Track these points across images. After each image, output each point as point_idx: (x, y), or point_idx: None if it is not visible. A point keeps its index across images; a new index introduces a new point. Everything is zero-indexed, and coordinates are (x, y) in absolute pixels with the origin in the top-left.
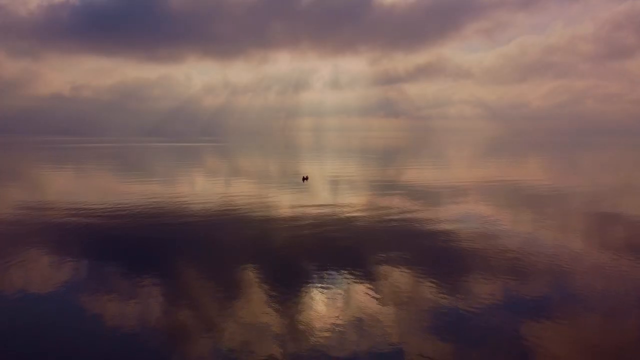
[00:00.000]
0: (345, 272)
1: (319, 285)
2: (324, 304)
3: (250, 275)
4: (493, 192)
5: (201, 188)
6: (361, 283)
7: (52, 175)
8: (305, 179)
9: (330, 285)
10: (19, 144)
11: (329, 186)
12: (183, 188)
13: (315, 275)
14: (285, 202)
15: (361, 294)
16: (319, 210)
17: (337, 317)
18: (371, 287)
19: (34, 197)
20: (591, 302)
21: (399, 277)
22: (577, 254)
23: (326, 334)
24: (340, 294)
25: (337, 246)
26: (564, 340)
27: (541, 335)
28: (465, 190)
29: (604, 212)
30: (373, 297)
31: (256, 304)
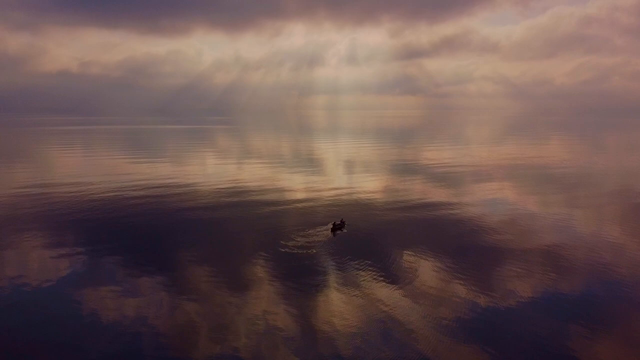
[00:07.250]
0: (366, 266)
1: (336, 281)
2: (342, 303)
3: (261, 270)
4: (522, 176)
5: (209, 180)
6: (383, 280)
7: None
8: (340, 226)
9: (349, 282)
10: (14, 124)
11: (347, 173)
12: (188, 176)
13: (332, 270)
14: (299, 187)
15: (384, 291)
16: (335, 192)
17: (358, 318)
18: (394, 284)
19: (29, 182)
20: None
21: (425, 271)
22: (619, 245)
23: (344, 337)
24: (360, 291)
25: (358, 237)
26: (612, 344)
27: (586, 339)
28: (492, 174)
29: None
30: (397, 295)
31: (266, 302)
